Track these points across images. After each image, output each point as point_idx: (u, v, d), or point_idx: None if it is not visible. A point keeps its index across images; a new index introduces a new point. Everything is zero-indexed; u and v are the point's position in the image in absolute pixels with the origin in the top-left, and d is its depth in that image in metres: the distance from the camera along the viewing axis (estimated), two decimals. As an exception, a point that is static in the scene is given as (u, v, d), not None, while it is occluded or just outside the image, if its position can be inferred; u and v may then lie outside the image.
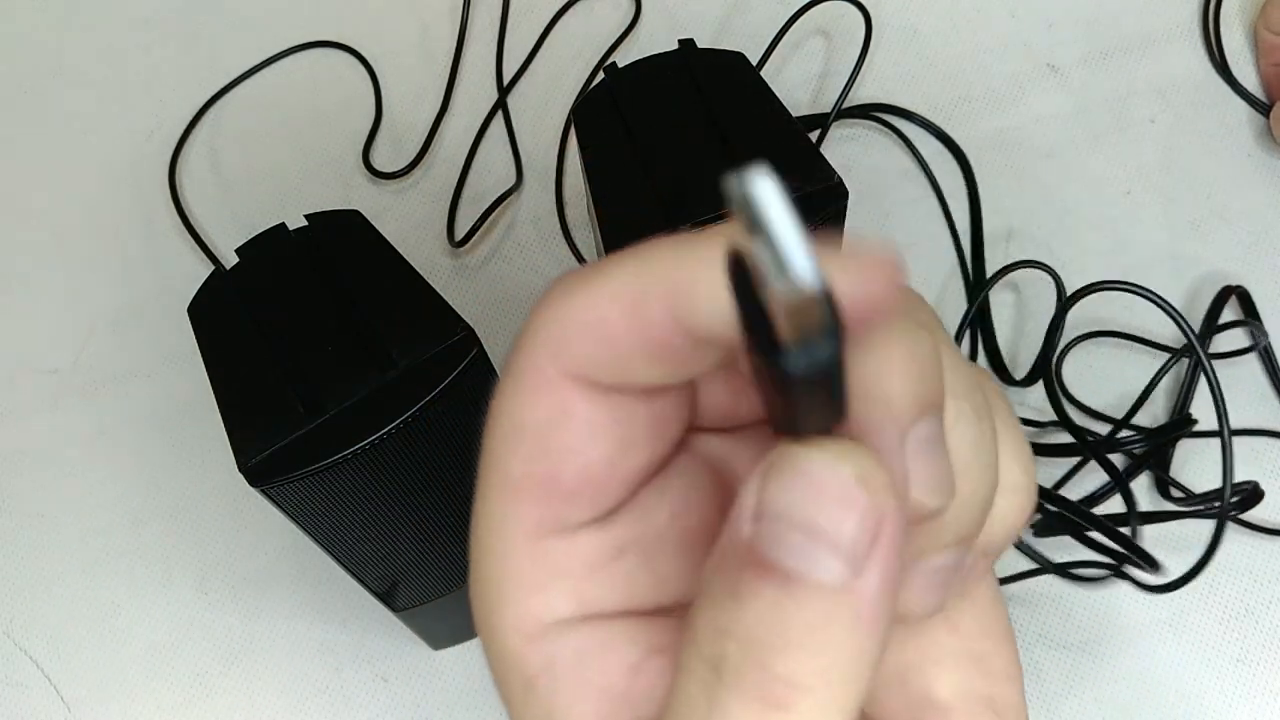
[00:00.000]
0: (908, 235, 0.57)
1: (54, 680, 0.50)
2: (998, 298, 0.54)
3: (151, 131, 0.65)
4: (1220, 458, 0.43)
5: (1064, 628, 0.47)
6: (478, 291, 0.57)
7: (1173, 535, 0.46)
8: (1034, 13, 0.63)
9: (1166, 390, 0.51)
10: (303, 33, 0.66)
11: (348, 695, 0.49)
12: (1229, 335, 0.51)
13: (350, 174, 0.62)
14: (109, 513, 0.54)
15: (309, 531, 0.37)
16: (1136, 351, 0.52)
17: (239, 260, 0.38)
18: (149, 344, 0.58)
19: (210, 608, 0.51)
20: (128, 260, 0.61)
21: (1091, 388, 0.52)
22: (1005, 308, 0.55)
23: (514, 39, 0.65)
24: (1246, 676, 0.46)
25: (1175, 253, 0.55)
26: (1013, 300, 0.55)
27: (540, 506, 0.19)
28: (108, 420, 0.56)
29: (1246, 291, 0.51)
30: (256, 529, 0.52)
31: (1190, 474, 0.49)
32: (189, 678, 0.50)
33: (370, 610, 0.48)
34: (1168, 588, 0.42)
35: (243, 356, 0.36)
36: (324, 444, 0.34)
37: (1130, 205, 0.57)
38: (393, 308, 0.36)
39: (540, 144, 0.61)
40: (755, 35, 0.61)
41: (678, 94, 0.40)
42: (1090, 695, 0.46)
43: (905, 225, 0.58)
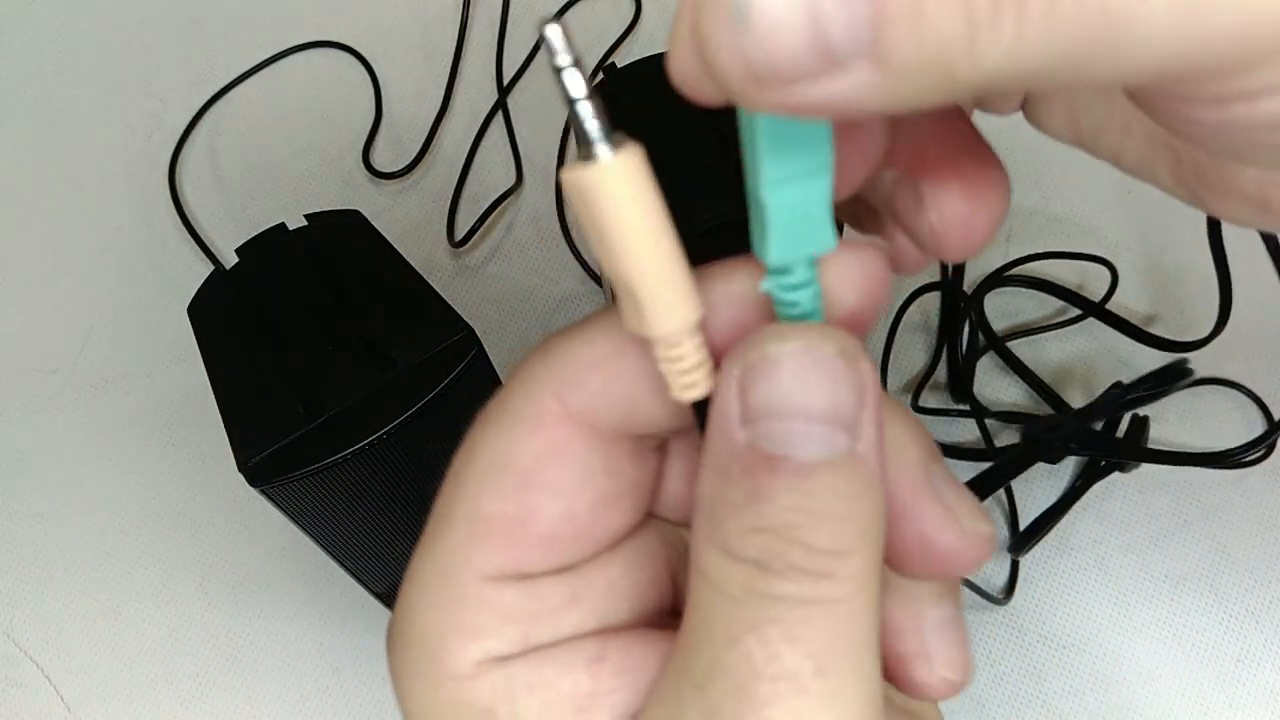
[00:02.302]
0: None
1: (54, 680, 0.50)
2: (999, 300, 0.54)
3: (151, 131, 0.65)
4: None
5: (1064, 627, 0.47)
6: (478, 291, 0.57)
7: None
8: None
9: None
10: (303, 33, 0.66)
11: (347, 695, 0.49)
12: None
13: (350, 174, 0.62)
14: (109, 512, 0.54)
15: (309, 531, 0.37)
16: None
17: (239, 260, 0.38)
18: (149, 344, 0.58)
19: (210, 607, 0.51)
20: (128, 260, 0.61)
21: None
22: (1004, 313, 0.55)
23: (514, 39, 0.65)
24: (1246, 676, 0.46)
25: (1176, 252, 0.55)
26: (1011, 305, 0.55)
27: (503, 551, 0.18)
28: (108, 420, 0.56)
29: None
30: (256, 529, 0.52)
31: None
32: (189, 677, 0.50)
33: (370, 610, 0.48)
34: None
35: (243, 356, 0.36)
36: (324, 444, 0.34)
37: (1132, 205, 0.57)
38: (393, 308, 0.36)
39: (540, 144, 0.61)
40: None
41: (677, 94, 0.40)
42: (1090, 695, 0.46)
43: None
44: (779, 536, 0.16)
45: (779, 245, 0.17)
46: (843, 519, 0.16)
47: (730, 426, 0.17)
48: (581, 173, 0.16)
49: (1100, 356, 0.53)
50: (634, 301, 0.17)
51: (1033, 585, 0.48)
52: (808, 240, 0.17)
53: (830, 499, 0.16)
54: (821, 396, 0.16)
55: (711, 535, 0.17)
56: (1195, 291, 0.53)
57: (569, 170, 0.16)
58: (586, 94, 0.15)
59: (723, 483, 0.17)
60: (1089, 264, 0.54)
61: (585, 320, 0.19)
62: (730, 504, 0.17)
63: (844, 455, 0.16)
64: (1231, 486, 0.49)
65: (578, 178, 0.16)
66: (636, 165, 0.16)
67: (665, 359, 0.17)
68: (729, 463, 0.17)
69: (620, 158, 0.15)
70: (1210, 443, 0.49)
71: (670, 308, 0.17)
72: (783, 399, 0.16)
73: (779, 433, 0.16)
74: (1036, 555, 0.48)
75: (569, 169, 0.16)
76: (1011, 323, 0.54)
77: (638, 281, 0.16)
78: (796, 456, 0.16)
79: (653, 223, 0.16)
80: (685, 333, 0.17)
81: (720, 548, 0.17)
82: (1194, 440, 0.50)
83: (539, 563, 0.18)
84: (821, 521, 0.16)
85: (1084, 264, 0.54)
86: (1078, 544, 0.49)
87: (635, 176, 0.16)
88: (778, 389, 0.17)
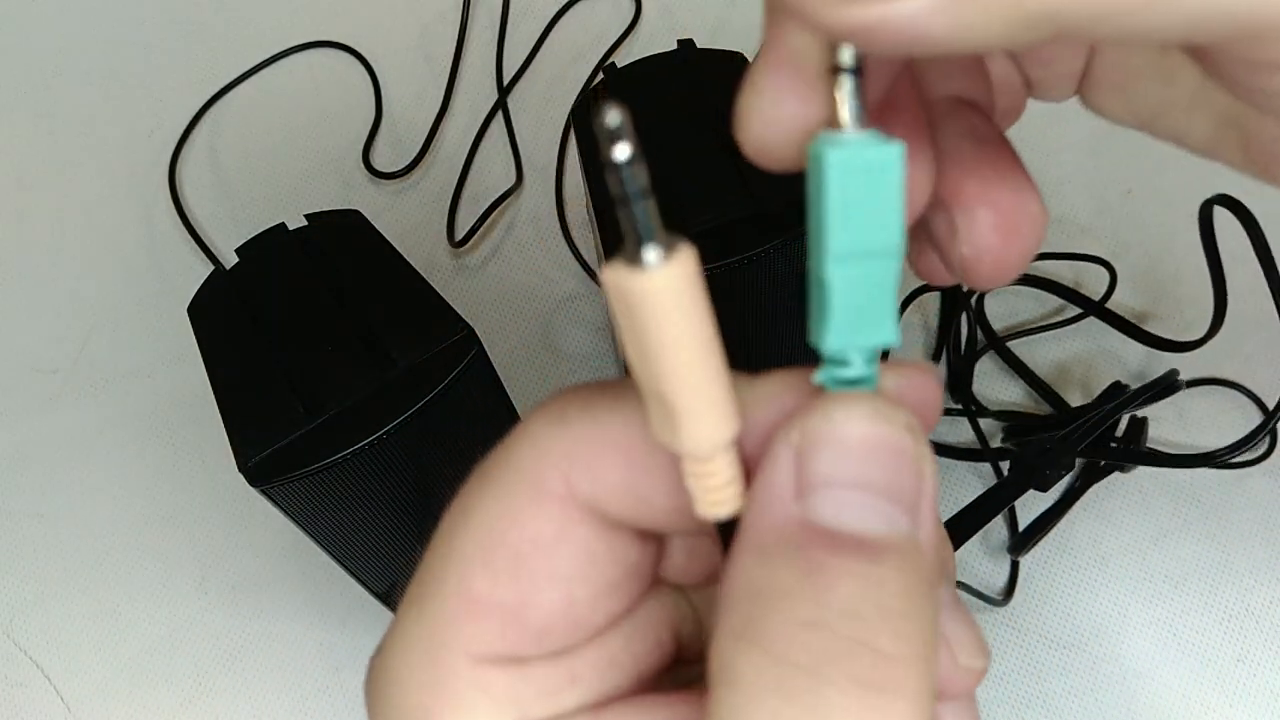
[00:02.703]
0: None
1: (54, 680, 0.50)
2: (998, 300, 0.54)
3: (152, 131, 0.65)
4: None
5: (1064, 627, 0.47)
6: (478, 291, 0.57)
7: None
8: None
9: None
10: (303, 33, 0.66)
11: (347, 695, 0.49)
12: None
13: (350, 174, 0.62)
14: (109, 512, 0.54)
15: (309, 531, 0.37)
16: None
17: (239, 260, 0.38)
18: (149, 344, 0.58)
19: (210, 607, 0.51)
20: (128, 260, 0.61)
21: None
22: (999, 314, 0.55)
23: (514, 39, 0.65)
24: (1246, 676, 0.46)
25: (1174, 252, 0.55)
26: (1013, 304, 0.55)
27: (497, 636, 0.16)
28: (108, 420, 0.56)
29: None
30: (256, 529, 0.52)
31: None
32: (189, 677, 0.50)
33: (370, 610, 0.48)
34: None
35: (243, 356, 0.36)
36: (324, 444, 0.34)
37: (1131, 205, 0.57)
38: (393, 307, 0.36)
39: (540, 144, 0.61)
40: (755, 34, 0.61)
41: (677, 94, 0.40)
42: (1090, 695, 0.46)
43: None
44: (837, 635, 0.14)
45: (838, 329, 0.16)
46: (909, 616, 0.14)
47: (782, 499, 0.15)
48: (627, 278, 0.14)
49: (1099, 356, 0.53)
50: (666, 413, 0.15)
51: (1032, 585, 0.48)
52: (868, 329, 0.16)
53: (897, 590, 0.14)
54: (889, 471, 0.15)
55: (749, 631, 0.14)
56: (1194, 291, 0.53)
57: (613, 271, 0.14)
58: (645, 190, 0.14)
59: (769, 565, 0.15)
60: (1088, 264, 0.54)
61: (608, 389, 0.17)
62: (779, 590, 0.14)
63: (908, 540, 0.15)
64: (1231, 486, 0.49)
65: (623, 283, 0.14)
66: (690, 273, 0.14)
67: (694, 474, 0.16)
68: (778, 541, 0.15)
69: (672, 266, 0.14)
70: (1208, 442, 0.49)
71: (706, 424, 0.15)
72: (851, 469, 0.15)
73: (843, 504, 0.15)
74: (1036, 555, 0.48)
75: (613, 269, 0.14)
76: (1011, 322, 0.54)
77: (674, 397, 0.15)
78: (859, 531, 0.14)
79: (699, 336, 0.14)
80: (719, 449, 0.15)
81: (762, 647, 0.14)
82: (1192, 440, 0.50)
83: (534, 649, 0.17)
84: (888, 618, 0.14)
85: (1083, 264, 0.54)
86: (1077, 544, 0.49)
87: (687, 287, 0.14)
88: (844, 458, 0.15)
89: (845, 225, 0.15)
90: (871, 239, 0.15)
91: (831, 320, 0.16)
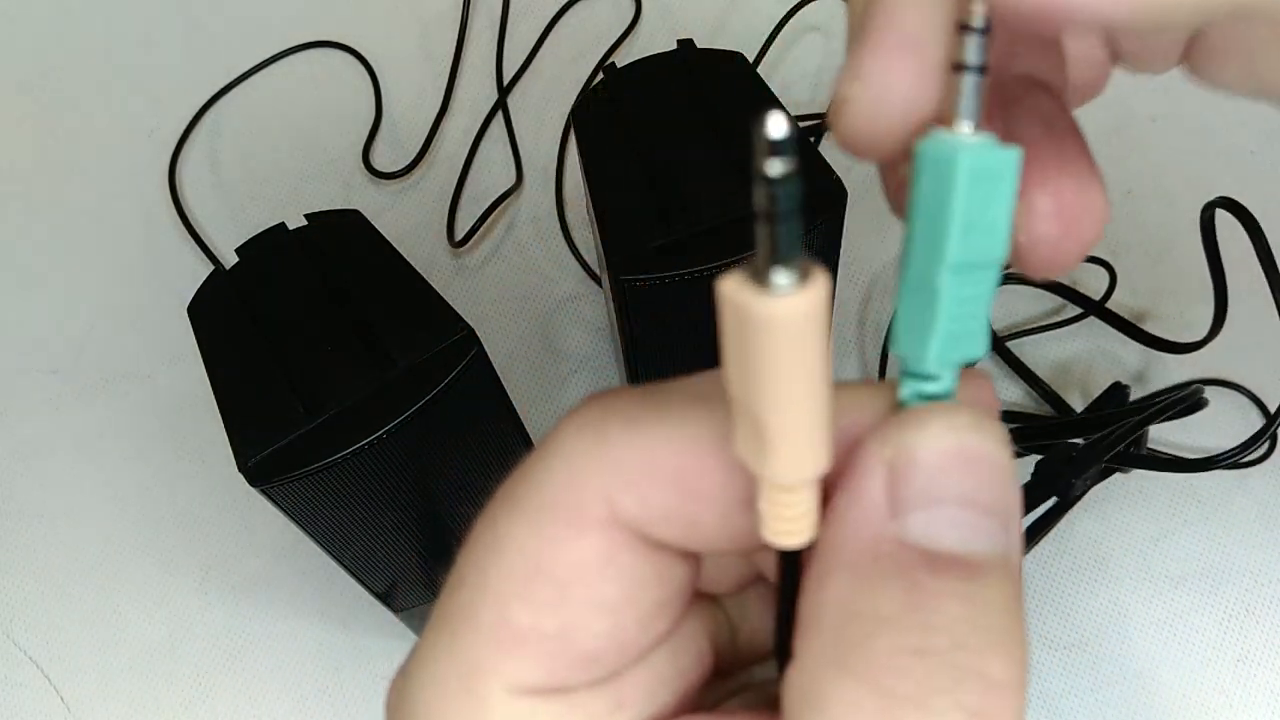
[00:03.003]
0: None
1: (54, 680, 0.50)
2: (998, 299, 0.54)
3: (151, 131, 0.65)
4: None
5: (1064, 627, 0.47)
6: (478, 291, 0.57)
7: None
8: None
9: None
10: (303, 33, 0.66)
11: (347, 695, 0.49)
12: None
13: (350, 174, 0.62)
14: (108, 512, 0.54)
15: (309, 531, 0.37)
16: (1136, 351, 0.52)
17: (239, 260, 0.38)
18: (149, 344, 0.58)
19: (210, 607, 0.51)
20: (127, 260, 0.61)
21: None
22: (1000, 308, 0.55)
23: (514, 39, 0.65)
24: (1247, 676, 0.46)
25: (1175, 252, 0.55)
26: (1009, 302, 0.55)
27: (539, 667, 0.15)
28: (108, 420, 0.56)
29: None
30: (256, 529, 0.52)
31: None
32: (188, 678, 0.50)
33: (370, 610, 0.48)
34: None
35: (242, 356, 0.36)
36: (324, 443, 0.34)
37: (1131, 205, 0.57)
38: (392, 307, 0.36)
39: (540, 144, 0.61)
40: (755, 34, 0.61)
41: (677, 94, 0.40)
42: (1090, 695, 0.46)
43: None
44: (946, 663, 0.13)
45: (942, 344, 0.15)
46: (1014, 638, 0.13)
47: (876, 518, 0.14)
48: (752, 300, 0.13)
49: (1099, 356, 0.53)
50: (759, 437, 0.14)
51: (1033, 586, 0.48)
52: (964, 342, 0.15)
53: (1001, 610, 0.13)
54: (988, 486, 0.14)
55: (847, 659, 0.13)
56: (1194, 291, 0.53)
57: (736, 288, 0.13)
58: (795, 210, 0.12)
59: (866, 588, 0.14)
60: (1088, 264, 0.54)
61: (650, 400, 0.16)
62: (879, 616, 0.13)
63: (1005, 558, 0.14)
64: (1231, 487, 0.49)
65: (745, 304, 0.13)
66: (820, 304, 0.13)
67: (774, 501, 0.15)
68: (874, 562, 0.14)
69: (803, 295, 0.13)
70: (1208, 443, 0.49)
71: (800, 458, 0.14)
72: (951, 485, 0.14)
73: (942, 522, 0.14)
74: (1036, 555, 0.48)
75: (736, 285, 0.13)
76: (1011, 322, 0.54)
77: (776, 427, 0.14)
78: (965, 550, 0.14)
79: (813, 370, 0.13)
80: (806, 483, 0.15)
81: (861, 677, 0.13)
82: (1192, 440, 0.50)
83: (580, 678, 0.16)
84: (996, 642, 0.13)
85: (1083, 264, 0.54)
86: (1077, 544, 0.49)
87: (814, 318, 0.13)
88: (942, 474, 0.14)
89: (965, 233, 0.14)
90: (983, 248, 0.15)
91: (937, 334, 0.15)
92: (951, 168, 0.14)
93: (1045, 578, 0.48)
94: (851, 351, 0.54)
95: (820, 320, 0.13)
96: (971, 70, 0.14)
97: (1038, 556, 0.48)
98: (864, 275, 0.56)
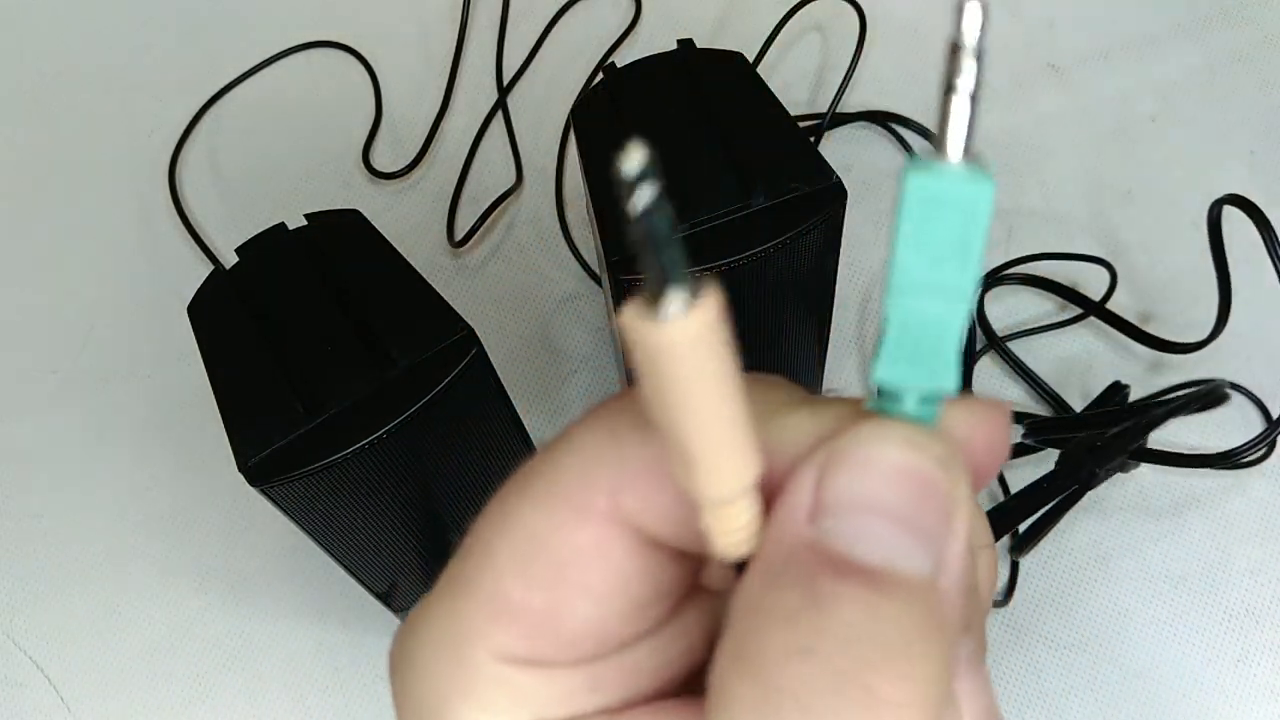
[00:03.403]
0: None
1: (54, 680, 0.50)
2: (998, 299, 0.54)
3: (151, 131, 0.65)
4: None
5: (1065, 628, 0.47)
6: (477, 291, 0.57)
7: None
8: (1035, 12, 0.63)
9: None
10: (303, 33, 0.66)
11: (347, 695, 0.49)
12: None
13: (350, 174, 0.62)
14: (108, 512, 0.54)
15: (308, 531, 0.37)
16: (1136, 351, 0.52)
17: (239, 260, 0.38)
18: (149, 344, 0.58)
19: (209, 607, 0.51)
20: (127, 260, 0.61)
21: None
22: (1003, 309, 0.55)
23: (514, 39, 0.65)
24: (1248, 677, 0.46)
25: (1175, 253, 0.55)
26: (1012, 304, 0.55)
27: (524, 640, 0.16)
28: (107, 420, 0.56)
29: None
30: (256, 529, 0.52)
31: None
32: (188, 677, 0.50)
33: (369, 610, 0.48)
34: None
35: (242, 356, 0.36)
36: (323, 443, 0.34)
37: (1132, 205, 0.57)
38: (392, 307, 0.36)
39: (540, 144, 0.61)
40: (755, 34, 0.61)
41: (677, 94, 0.40)
42: (1091, 696, 0.46)
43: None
44: (831, 667, 0.13)
45: (889, 362, 0.15)
46: (913, 661, 0.13)
47: (796, 520, 0.14)
48: (647, 328, 0.13)
49: (1099, 356, 0.53)
50: (685, 459, 0.15)
51: (1033, 586, 0.48)
52: (924, 370, 0.15)
53: (905, 630, 0.13)
54: (912, 502, 0.14)
55: (743, 652, 0.14)
56: (1194, 292, 0.53)
57: (632, 319, 0.13)
58: (669, 237, 0.13)
59: (772, 586, 0.14)
60: (1088, 264, 0.54)
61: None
62: (779, 614, 0.14)
63: (922, 581, 0.14)
64: (1232, 487, 0.49)
65: (642, 333, 0.13)
66: (711, 323, 0.13)
67: (714, 516, 0.15)
68: (786, 563, 0.14)
69: (694, 317, 0.13)
70: (1210, 443, 0.49)
71: (725, 472, 0.14)
72: (868, 493, 0.14)
73: (854, 530, 0.14)
74: (1037, 556, 0.48)
75: (632, 316, 0.13)
76: (1011, 322, 0.54)
77: (694, 446, 0.14)
78: (869, 561, 0.14)
79: (719, 387, 0.14)
80: (737, 495, 0.15)
81: (753, 671, 0.14)
82: (1194, 440, 0.50)
83: (559, 656, 0.17)
84: (890, 660, 0.13)
85: (1083, 264, 0.54)
86: (1078, 544, 0.49)
87: (708, 337, 0.13)
88: (864, 481, 0.14)
89: (915, 256, 0.15)
90: (941, 277, 0.15)
91: (883, 351, 0.15)
92: (901, 185, 0.15)
93: (1046, 577, 0.48)
94: (851, 351, 0.54)
95: (715, 337, 0.13)
96: (958, 95, 0.14)
97: (1038, 556, 0.48)
98: (864, 275, 0.56)
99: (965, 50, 0.14)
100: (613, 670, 0.17)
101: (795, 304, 0.41)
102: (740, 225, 0.36)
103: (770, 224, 0.36)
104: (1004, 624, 0.47)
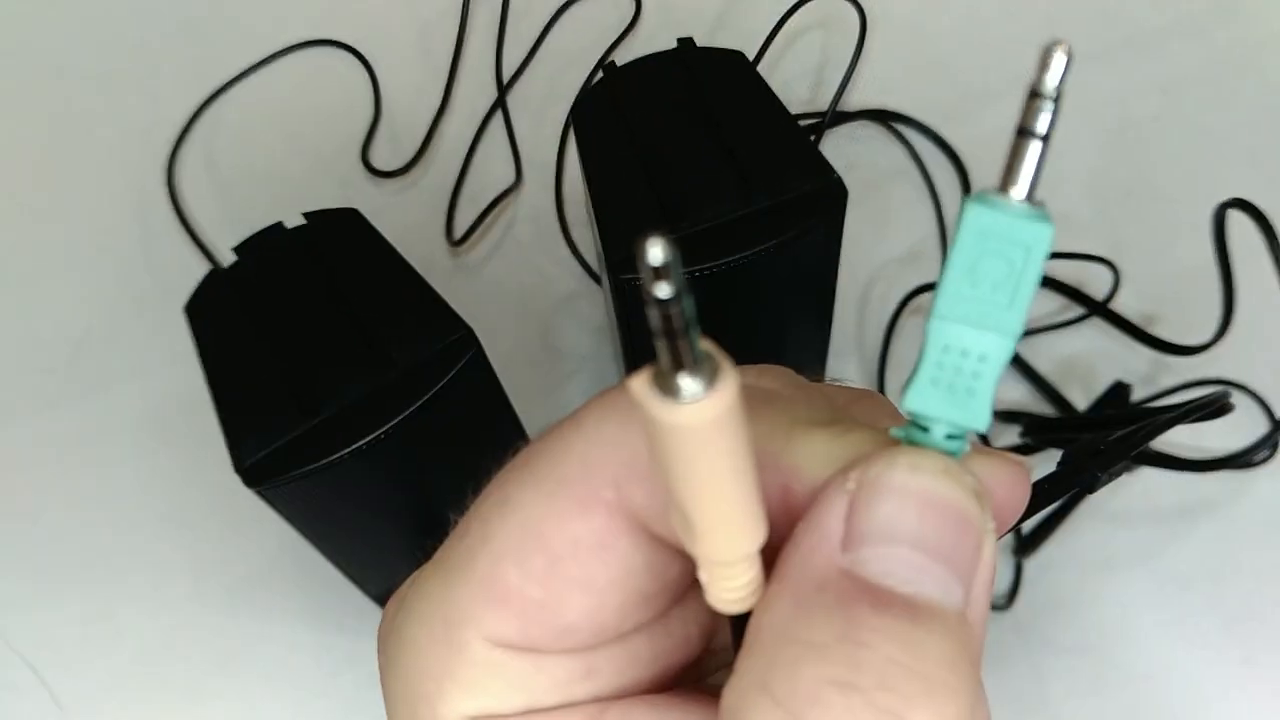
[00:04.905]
0: (908, 234, 0.57)
1: (48, 683, 0.50)
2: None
3: (149, 130, 0.64)
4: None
5: (1066, 630, 0.47)
6: (476, 290, 0.57)
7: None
8: (1034, 10, 0.63)
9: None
10: (302, 32, 0.66)
11: (344, 698, 0.48)
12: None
13: (349, 173, 0.61)
14: (104, 513, 0.53)
15: (305, 533, 0.37)
16: (1139, 352, 0.52)
17: (236, 259, 0.38)
18: (146, 344, 0.57)
19: (205, 610, 0.51)
20: (124, 259, 0.60)
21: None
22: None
23: (513, 37, 0.65)
24: (1251, 678, 0.45)
25: (1178, 253, 0.55)
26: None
27: (517, 626, 0.16)
28: (103, 420, 0.56)
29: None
30: (252, 531, 0.52)
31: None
32: (184, 681, 0.49)
33: (367, 613, 0.48)
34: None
35: (240, 356, 0.36)
36: (321, 443, 0.33)
37: (1132, 205, 0.57)
38: (391, 307, 0.36)
39: (540, 143, 0.61)
40: (755, 32, 0.61)
41: (677, 93, 0.39)
42: (1092, 698, 0.46)
43: (906, 224, 0.57)
44: (867, 701, 0.13)
45: (921, 390, 0.15)
46: (949, 692, 0.13)
47: (829, 547, 0.14)
48: (659, 408, 0.12)
49: (1101, 356, 0.52)
50: (686, 524, 0.14)
51: (1036, 589, 0.48)
52: (957, 403, 0.15)
53: (941, 662, 0.13)
54: (950, 535, 0.14)
55: (770, 681, 0.13)
56: (1198, 292, 0.53)
57: (644, 392, 0.12)
58: (690, 324, 0.12)
59: (804, 616, 0.14)
60: (1092, 264, 0.53)
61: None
62: (811, 644, 0.13)
63: (957, 614, 0.14)
64: (1237, 488, 0.49)
65: (654, 412, 0.12)
66: (729, 407, 0.12)
67: (713, 575, 0.15)
68: (819, 591, 0.14)
69: (713, 401, 0.12)
70: (1214, 444, 0.48)
71: (731, 542, 0.14)
72: (905, 523, 0.14)
73: (890, 560, 0.14)
74: (1040, 558, 0.48)
75: (644, 391, 0.12)
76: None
77: (698, 519, 0.14)
78: (907, 592, 0.13)
79: (731, 467, 0.13)
80: (738, 560, 0.15)
81: (780, 702, 0.13)
82: (1198, 442, 0.49)
83: (553, 645, 0.16)
84: (928, 692, 0.13)
85: (1086, 264, 0.54)
86: (1082, 547, 0.48)
87: (725, 421, 0.13)
88: (900, 511, 0.14)
89: (965, 286, 0.15)
90: (988, 311, 0.15)
91: (918, 377, 0.15)
92: (962, 214, 0.15)
93: (1049, 580, 0.48)
94: (851, 351, 0.54)
95: (731, 420, 0.13)
96: (1033, 138, 0.15)
97: (1041, 559, 0.48)
98: (864, 275, 0.56)
99: (1045, 96, 0.14)
100: (608, 659, 0.17)
101: (796, 304, 0.41)
102: (740, 224, 0.36)
103: (770, 223, 0.36)
104: (1007, 628, 0.47)
